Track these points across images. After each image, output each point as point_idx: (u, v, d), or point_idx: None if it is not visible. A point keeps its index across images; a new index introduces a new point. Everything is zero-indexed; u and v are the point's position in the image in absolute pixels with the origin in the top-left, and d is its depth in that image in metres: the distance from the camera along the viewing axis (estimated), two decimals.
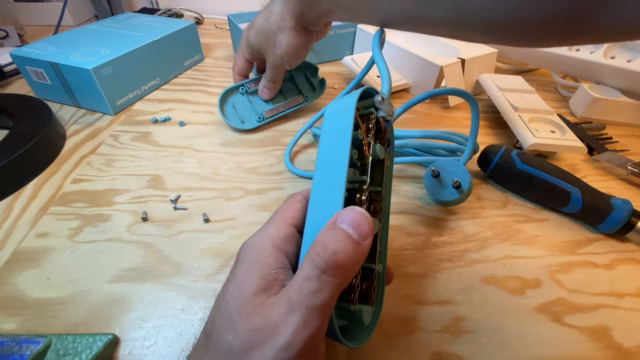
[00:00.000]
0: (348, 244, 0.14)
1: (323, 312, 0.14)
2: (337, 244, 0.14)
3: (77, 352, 0.20)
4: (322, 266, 0.14)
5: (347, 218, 0.15)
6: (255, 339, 0.14)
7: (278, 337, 0.14)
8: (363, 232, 0.15)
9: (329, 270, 0.14)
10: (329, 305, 0.14)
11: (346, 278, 0.15)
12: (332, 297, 0.14)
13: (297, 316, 0.14)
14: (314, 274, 0.14)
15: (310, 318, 0.14)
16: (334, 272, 0.14)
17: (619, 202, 0.29)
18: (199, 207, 0.32)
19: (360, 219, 0.15)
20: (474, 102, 0.29)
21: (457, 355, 0.22)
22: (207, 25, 0.76)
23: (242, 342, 0.14)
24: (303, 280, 0.14)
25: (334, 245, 0.14)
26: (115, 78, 0.43)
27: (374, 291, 0.17)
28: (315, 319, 0.14)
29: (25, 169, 0.34)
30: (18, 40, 0.62)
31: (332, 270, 0.14)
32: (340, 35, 0.59)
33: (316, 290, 0.14)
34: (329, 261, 0.14)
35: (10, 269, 0.26)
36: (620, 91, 0.45)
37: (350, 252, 0.14)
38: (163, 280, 0.26)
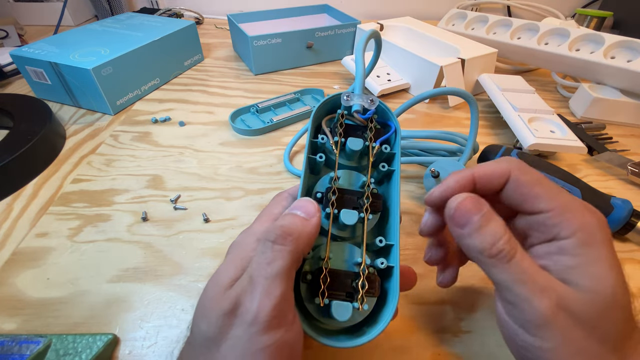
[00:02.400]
0: (295, 219, 0.16)
1: (283, 280, 0.15)
2: (285, 220, 0.16)
3: (77, 352, 0.20)
4: (273, 237, 0.15)
5: (294, 206, 0.17)
6: (226, 322, 0.14)
7: (245, 314, 0.14)
8: (308, 211, 0.17)
9: (279, 239, 0.15)
10: (287, 272, 0.15)
11: (297, 246, 0.15)
12: (287, 264, 0.15)
13: (258, 288, 0.14)
14: (267, 247, 0.15)
15: (271, 287, 0.14)
16: (284, 240, 0.15)
17: (619, 202, 0.29)
18: (199, 207, 0.32)
19: (304, 202, 0.17)
20: (474, 102, 0.29)
21: (457, 355, 0.22)
22: (207, 25, 0.76)
23: (215, 328, 0.14)
24: (259, 256, 0.15)
25: (282, 222, 0.16)
26: (115, 78, 0.43)
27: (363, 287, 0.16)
28: (275, 287, 0.14)
29: (25, 169, 0.34)
30: (18, 40, 0.62)
31: (281, 239, 0.15)
32: (340, 35, 0.59)
33: (271, 260, 0.15)
34: (279, 232, 0.15)
35: (10, 269, 0.26)
36: (620, 91, 0.45)
37: (297, 223, 0.16)
38: (163, 280, 0.26)
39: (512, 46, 0.52)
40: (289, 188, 0.21)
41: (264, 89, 0.51)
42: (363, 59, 0.23)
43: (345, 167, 0.21)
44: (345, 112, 0.21)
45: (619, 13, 0.67)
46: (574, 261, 0.15)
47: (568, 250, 0.16)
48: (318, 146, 0.21)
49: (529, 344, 0.15)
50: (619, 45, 0.44)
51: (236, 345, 0.14)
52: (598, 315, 0.15)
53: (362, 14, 0.83)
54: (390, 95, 0.50)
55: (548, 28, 0.50)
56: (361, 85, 0.22)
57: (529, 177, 0.17)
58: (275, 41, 0.53)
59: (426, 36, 0.56)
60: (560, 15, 0.68)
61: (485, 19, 0.57)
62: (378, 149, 0.20)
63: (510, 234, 0.16)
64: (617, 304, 0.15)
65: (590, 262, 0.15)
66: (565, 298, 0.15)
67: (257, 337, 0.14)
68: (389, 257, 0.18)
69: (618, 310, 0.15)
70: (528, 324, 0.15)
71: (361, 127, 0.21)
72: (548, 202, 0.16)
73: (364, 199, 0.18)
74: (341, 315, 0.16)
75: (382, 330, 0.16)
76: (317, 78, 0.55)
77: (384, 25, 0.60)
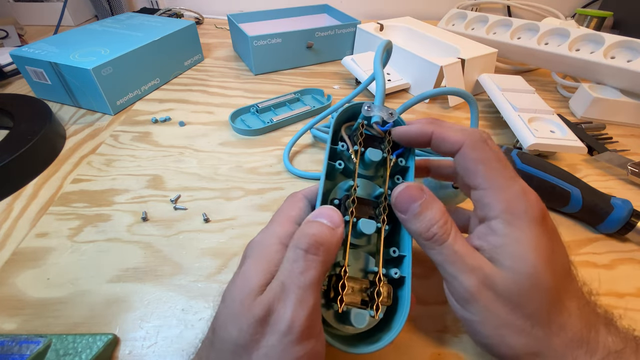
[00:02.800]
0: (324, 228, 0.16)
1: (314, 289, 0.15)
2: (314, 228, 0.16)
3: (77, 352, 0.20)
4: (305, 246, 0.15)
5: (320, 214, 0.17)
6: (258, 329, 0.14)
7: (279, 323, 0.14)
8: (334, 220, 0.17)
9: (312, 249, 0.15)
10: (318, 282, 0.15)
11: (328, 257, 0.16)
12: (319, 275, 0.15)
13: (292, 297, 0.14)
14: (299, 255, 0.15)
15: (304, 296, 0.14)
16: (317, 249, 0.15)
17: (619, 202, 0.29)
18: (199, 207, 0.32)
19: (329, 211, 0.17)
20: (474, 102, 0.29)
21: (457, 355, 0.22)
22: (207, 25, 0.76)
23: (247, 335, 0.14)
24: (290, 263, 0.15)
25: (312, 230, 0.16)
26: (115, 78, 0.43)
27: (379, 296, 0.17)
28: (309, 297, 0.14)
29: (25, 169, 0.34)
30: (18, 40, 0.62)
31: (314, 248, 0.15)
32: (340, 35, 0.59)
33: (304, 270, 0.15)
34: (311, 241, 0.15)
35: (10, 269, 0.26)
36: (620, 91, 0.45)
37: (326, 233, 0.16)
38: (163, 280, 0.26)
39: (512, 46, 0.52)
40: (302, 189, 0.21)
41: (264, 89, 0.51)
42: (382, 70, 0.23)
43: (361, 176, 0.21)
44: (365, 122, 0.21)
45: (619, 13, 0.67)
46: (499, 241, 0.17)
47: (496, 230, 0.17)
48: (337, 153, 0.21)
49: (462, 316, 0.18)
50: (619, 45, 0.44)
51: (269, 354, 0.14)
52: (519, 293, 0.16)
53: (362, 14, 0.83)
54: (390, 95, 0.50)
55: (548, 28, 0.50)
56: (382, 98, 0.22)
57: (476, 154, 0.18)
58: (275, 41, 0.53)
59: (426, 36, 0.56)
60: (560, 15, 0.68)
61: (485, 19, 0.57)
62: (394, 162, 0.20)
63: (445, 219, 0.18)
64: (536, 284, 0.16)
65: (512, 243, 0.16)
66: (490, 277, 0.16)
67: (291, 347, 0.14)
68: (401, 267, 0.19)
69: (538, 290, 0.16)
70: (459, 299, 0.17)
71: (378, 138, 0.21)
72: (484, 181, 0.17)
73: (380, 209, 0.19)
74: (359, 323, 0.17)
75: (397, 335, 0.17)
76: (317, 78, 0.55)
77: (384, 25, 0.60)
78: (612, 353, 0.16)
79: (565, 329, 0.16)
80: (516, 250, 0.16)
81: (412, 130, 0.20)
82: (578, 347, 0.16)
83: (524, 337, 0.16)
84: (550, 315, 0.16)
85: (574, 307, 0.17)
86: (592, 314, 0.17)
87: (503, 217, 0.17)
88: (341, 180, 0.21)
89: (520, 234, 0.16)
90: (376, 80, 0.23)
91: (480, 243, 0.18)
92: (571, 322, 0.16)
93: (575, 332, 0.16)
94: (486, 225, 0.18)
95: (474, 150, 0.18)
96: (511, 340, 0.16)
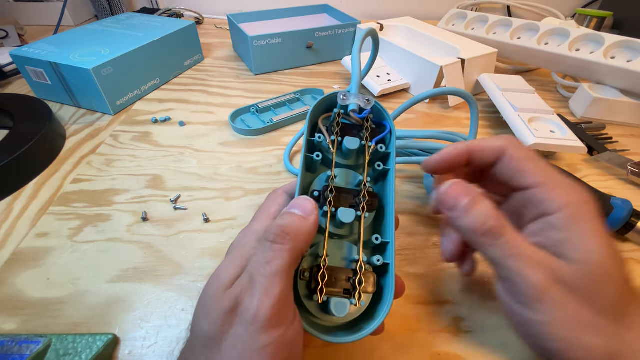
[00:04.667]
0: (293, 218, 0.16)
1: (282, 278, 0.15)
2: (284, 219, 0.16)
3: (77, 352, 0.20)
4: (271, 237, 0.15)
5: (292, 204, 0.17)
6: (226, 320, 0.14)
7: (245, 313, 0.14)
8: (305, 209, 0.17)
9: (278, 239, 0.15)
10: (286, 270, 0.15)
11: (296, 244, 0.16)
12: (287, 263, 0.15)
13: (257, 287, 0.14)
14: (266, 246, 0.15)
15: (270, 285, 0.14)
16: (282, 239, 0.15)
17: (619, 202, 0.29)
18: (199, 207, 0.32)
19: (301, 201, 0.17)
20: (474, 102, 0.29)
21: (457, 355, 0.22)
22: (207, 25, 0.76)
23: (216, 327, 0.14)
24: (257, 255, 0.15)
25: (281, 221, 0.16)
26: (115, 78, 0.43)
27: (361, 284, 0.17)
28: (275, 286, 0.14)
29: (25, 169, 0.34)
30: (18, 40, 0.62)
31: (280, 238, 0.15)
32: (340, 35, 0.59)
33: (270, 260, 0.15)
34: (277, 231, 0.16)
35: (10, 269, 0.26)
36: (620, 91, 0.45)
37: (295, 222, 0.16)
38: (163, 280, 0.26)
39: (512, 46, 0.52)
40: (283, 185, 0.21)
41: (264, 89, 0.51)
42: (359, 58, 0.23)
43: (342, 166, 0.21)
44: (341, 111, 0.21)
45: (619, 13, 0.67)
46: (563, 235, 0.16)
47: (557, 225, 0.16)
48: (315, 145, 0.21)
49: (527, 319, 0.16)
50: (619, 45, 0.44)
51: (237, 343, 0.14)
52: (591, 285, 0.15)
53: (362, 14, 0.83)
54: (390, 95, 0.50)
55: (548, 28, 0.50)
56: (357, 85, 0.22)
57: (522, 153, 0.18)
58: (275, 41, 0.53)
59: (426, 36, 0.56)
60: (560, 15, 0.68)
61: (485, 19, 0.57)
62: (374, 149, 0.20)
63: (499, 214, 0.17)
64: (607, 274, 0.15)
65: (578, 235, 0.16)
66: (558, 270, 0.15)
67: (257, 336, 0.14)
68: (385, 255, 0.18)
69: (609, 281, 0.15)
70: (524, 298, 0.16)
71: (357, 126, 0.21)
72: (537, 178, 0.17)
73: (360, 197, 0.19)
74: (339, 312, 0.16)
75: (378, 325, 0.16)
76: (317, 78, 0.55)
77: (384, 25, 0.60)
78: None
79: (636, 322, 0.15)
80: (582, 242, 0.16)
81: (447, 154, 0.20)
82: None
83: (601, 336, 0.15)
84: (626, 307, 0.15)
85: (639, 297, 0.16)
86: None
87: (565, 211, 0.16)
88: (323, 172, 0.21)
89: (585, 227, 0.16)
90: (352, 67, 0.23)
91: (539, 240, 0.17)
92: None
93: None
94: (543, 221, 0.17)
95: (519, 150, 0.18)
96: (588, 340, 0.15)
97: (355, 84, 0.22)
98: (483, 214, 0.17)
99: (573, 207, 0.16)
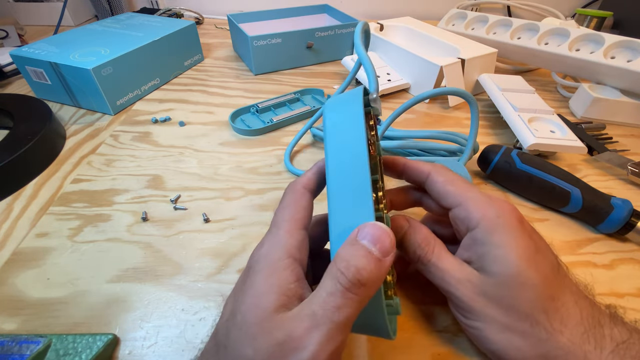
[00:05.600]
0: (370, 261, 0.14)
1: (346, 328, 0.14)
2: (360, 261, 0.14)
3: (77, 352, 0.20)
4: (346, 284, 0.14)
5: (368, 234, 0.15)
6: (277, 353, 0.14)
7: (302, 351, 0.13)
8: (384, 248, 0.15)
9: (353, 288, 0.14)
10: (351, 321, 0.14)
11: (368, 294, 0.15)
12: (354, 314, 0.14)
13: (322, 331, 0.14)
14: (338, 290, 0.14)
15: (334, 333, 0.14)
16: (357, 289, 0.14)
17: (619, 202, 0.29)
18: (199, 207, 0.32)
19: (381, 234, 0.15)
20: (474, 102, 0.29)
21: (457, 355, 0.22)
22: (207, 25, 0.76)
23: (264, 357, 0.14)
24: (327, 295, 0.14)
25: (357, 262, 0.14)
26: (115, 78, 0.43)
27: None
28: (339, 334, 0.14)
29: (25, 169, 0.34)
30: (18, 40, 0.62)
31: (355, 288, 0.14)
32: (340, 35, 0.59)
33: (340, 306, 0.14)
34: (352, 279, 0.14)
35: (10, 269, 0.26)
36: (620, 91, 0.45)
37: (372, 270, 0.14)
38: (163, 280, 0.26)
39: (512, 46, 0.52)
40: (300, 178, 0.20)
41: (264, 89, 0.51)
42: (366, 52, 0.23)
43: None
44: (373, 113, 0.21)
45: (619, 13, 0.67)
46: (483, 249, 0.18)
47: (479, 239, 0.18)
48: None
49: (468, 326, 0.19)
50: (619, 45, 0.44)
51: None
52: (509, 295, 0.17)
53: (362, 14, 0.83)
54: (390, 95, 0.50)
55: (548, 28, 0.50)
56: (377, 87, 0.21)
57: (442, 177, 0.20)
58: (275, 41, 0.53)
59: (426, 36, 0.56)
60: (560, 15, 0.68)
61: (485, 19, 0.57)
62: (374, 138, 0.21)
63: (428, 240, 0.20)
64: (524, 282, 0.17)
65: (493, 248, 0.17)
66: (479, 284, 0.18)
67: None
68: None
69: (528, 288, 0.17)
70: (460, 310, 0.19)
71: None
72: (457, 198, 0.19)
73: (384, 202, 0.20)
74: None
75: None
76: (317, 78, 0.55)
77: (384, 25, 0.60)
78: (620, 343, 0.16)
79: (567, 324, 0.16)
80: (497, 254, 0.17)
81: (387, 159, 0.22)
82: (586, 342, 0.16)
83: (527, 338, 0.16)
84: (548, 312, 0.16)
85: (570, 302, 0.17)
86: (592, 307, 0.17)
87: (482, 225, 0.18)
88: None
89: (499, 238, 0.17)
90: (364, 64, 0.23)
91: (468, 255, 0.19)
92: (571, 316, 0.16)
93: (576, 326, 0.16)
94: (469, 236, 0.19)
95: (440, 176, 0.20)
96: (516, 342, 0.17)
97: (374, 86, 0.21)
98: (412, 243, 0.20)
99: (487, 221, 0.18)
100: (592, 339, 0.16)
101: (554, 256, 0.18)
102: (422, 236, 0.20)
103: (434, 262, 0.19)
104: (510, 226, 0.18)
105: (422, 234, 0.20)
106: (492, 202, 0.19)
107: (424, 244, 0.19)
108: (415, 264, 0.20)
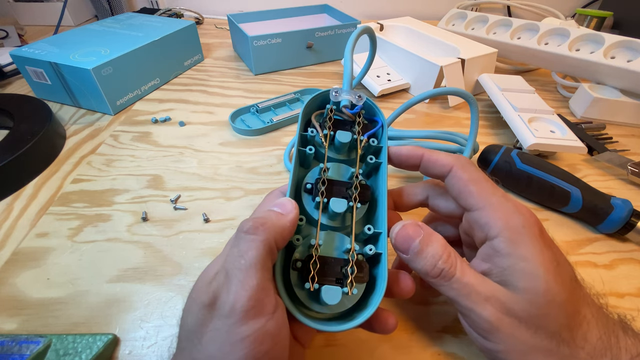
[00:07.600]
0: (270, 213, 0.17)
1: (258, 270, 0.14)
2: (258, 214, 0.17)
3: (77, 352, 0.20)
4: (245, 229, 0.15)
5: (274, 204, 0.18)
6: (206, 314, 0.14)
7: (223, 306, 0.14)
8: (285, 207, 0.17)
9: (251, 230, 0.15)
10: (262, 263, 0.15)
11: (269, 235, 0.15)
12: (261, 255, 0.15)
13: (233, 280, 0.14)
14: (240, 237, 0.15)
15: (246, 278, 0.14)
16: (255, 229, 0.15)
17: (619, 202, 0.29)
18: (199, 207, 0.32)
19: (282, 200, 0.18)
20: (474, 102, 0.29)
21: (457, 355, 0.22)
22: (207, 25, 0.76)
23: (197, 321, 0.14)
24: (232, 248, 0.15)
25: (255, 215, 0.17)
26: (115, 78, 0.43)
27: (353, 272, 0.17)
28: (250, 278, 0.14)
29: (25, 169, 0.34)
30: (18, 40, 0.62)
31: (253, 229, 0.15)
32: (340, 35, 0.59)
33: (244, 252, 0.15)
34: (250, 223, 0.16)
35: (10, 269, 0.26)
36: (620, 91, 0.45)
37: (271, 217, 0.16)
38: (163, 280, 0.26)
39: (512, 46, 0.52)
40: (281, 186, 0.21)
41: (264, 89, 0.51)
42: (351, 55, 0.24)
43: (335, 160, 0.22)
44: (334, 107, 0.21)
45: (619, 13, 0.67)
46: (507, 262, 0.16)
47: (500, 250, 0.17)
48: (308, 139, 0.21)
49: (486, 348, 0.17)
50: (619, 45, 0.44)
51: (216, 337, 0.14)
52: (539, 313, 0.16)
53: (362, 14, 0.83)
54: (390, 95, 0.50)
55: (548, 28, 0.50)
56: (349, 81, 0.22)
57: (467, 174, 0.18)
58: (275, 41, 0.53)
59: (426, 36, 0.56)
60: (560, 15, 0.68)
61: (485, 19, 0.57)
62: (366, 142, 0.21)
63: (449, 252, 0.17)
64: (553, 301, 0.16)
65: (521, 261, 0.16)
66: (507, 302, 0.16)
67: (235, 328, 0.14)
68: (377, 245, 0.18)
69: (557, 305, 0.16)
70: (480, 331, 0.17)
71: (350, 122, 0.22)
72: (478, 200, 0.18)
73: (352, 189, 0.19)
74: (331, 299, 0.16)
75: (372, 314, 0.16)
76: (317, 78, 0.55)
77: (384, 25, 0.60)
78: (635, 357, 0.15)
79: (587, 339, 0.16)
80: (524, 268, 0.16)
81: (402, 151, 0.20)
82: (603, 355, 0.15)
83: (551, 357, 0.16)
84: (572, 329, 0.16)
85: (589, 316, 0.16)
86: (607, 318, 0.17)
87: (503, 234, 0.17)
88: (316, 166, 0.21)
89: (524, 251, 0.16)
90: (344, 65, 0.24)
91: (488, 266, 0.17)
92: (591, 331, 0.16)
93: (596, 340, 0.16)
94: (488, 245, 0.17)
95: (464, 172, 0.18)
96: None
97: (347, 81, 0.22)
98: (432, 255, 0.17)
99: (512, 231, 0.16)
100: (609, 352, 0.15)
101: (572, 267, 0.17)
102: (442, 247, 0.17)
103: (459, 277, 0.17)
104: (534, 237, 0.16)
105: (441, 244, 0.18)
106: (517, 210, 0.17)
107: (447, 256, 0.17)
108: (433, 279, 0.17)
